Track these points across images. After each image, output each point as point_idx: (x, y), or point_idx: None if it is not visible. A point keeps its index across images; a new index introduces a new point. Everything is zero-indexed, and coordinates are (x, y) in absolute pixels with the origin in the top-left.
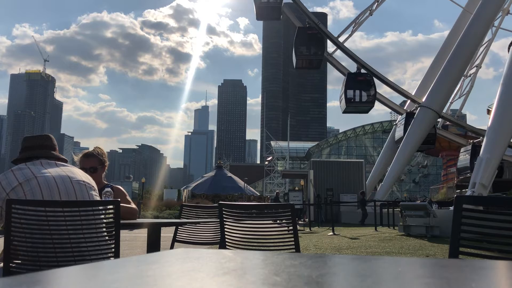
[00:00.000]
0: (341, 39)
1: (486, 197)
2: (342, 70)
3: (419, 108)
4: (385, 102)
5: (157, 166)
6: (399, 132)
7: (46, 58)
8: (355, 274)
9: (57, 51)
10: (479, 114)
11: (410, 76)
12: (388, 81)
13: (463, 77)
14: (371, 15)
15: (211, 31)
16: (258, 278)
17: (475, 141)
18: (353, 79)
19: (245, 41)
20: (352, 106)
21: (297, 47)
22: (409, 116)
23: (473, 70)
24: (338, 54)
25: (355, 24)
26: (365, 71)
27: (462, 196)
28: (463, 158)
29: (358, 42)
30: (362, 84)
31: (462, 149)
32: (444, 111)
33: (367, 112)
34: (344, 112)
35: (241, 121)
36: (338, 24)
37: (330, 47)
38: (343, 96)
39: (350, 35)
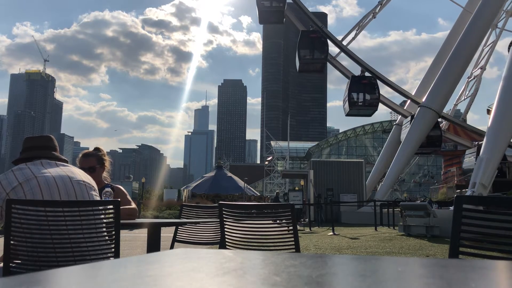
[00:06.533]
0: (344, 42)
1: (486, 197)
2: (346, 73)
3: (419, 108)
4: (386, 102)
5: (157, 166)
6: (404, 135)
7: (46, 58)
8: (355, 274)
9: (58, 50)
10: (481, 114)
11: (413, 75)
12: (390, 82)
13: (467, 79)
14: (375, 17)
15: (214, 29)
16: (258, 278)
17: (480, 142)
18: (357, 82)
19: (248, 40)
20: (355, 109)
21: (300, 51)
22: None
23: (478, 72)
24: (341, 55)
25: (358, 27)
26: (369, 74)
27: (462, 196)
28: (469, 160)
29: (361, 41)
30: (366, 87)
31: (467, 151)
32: (448, 112)
33: (370, 115)
34: (348, 115)
35: (241, 121)
36: (341, 23)
37: (333, 49)
38: (347, 99)
39: (353, 38)
